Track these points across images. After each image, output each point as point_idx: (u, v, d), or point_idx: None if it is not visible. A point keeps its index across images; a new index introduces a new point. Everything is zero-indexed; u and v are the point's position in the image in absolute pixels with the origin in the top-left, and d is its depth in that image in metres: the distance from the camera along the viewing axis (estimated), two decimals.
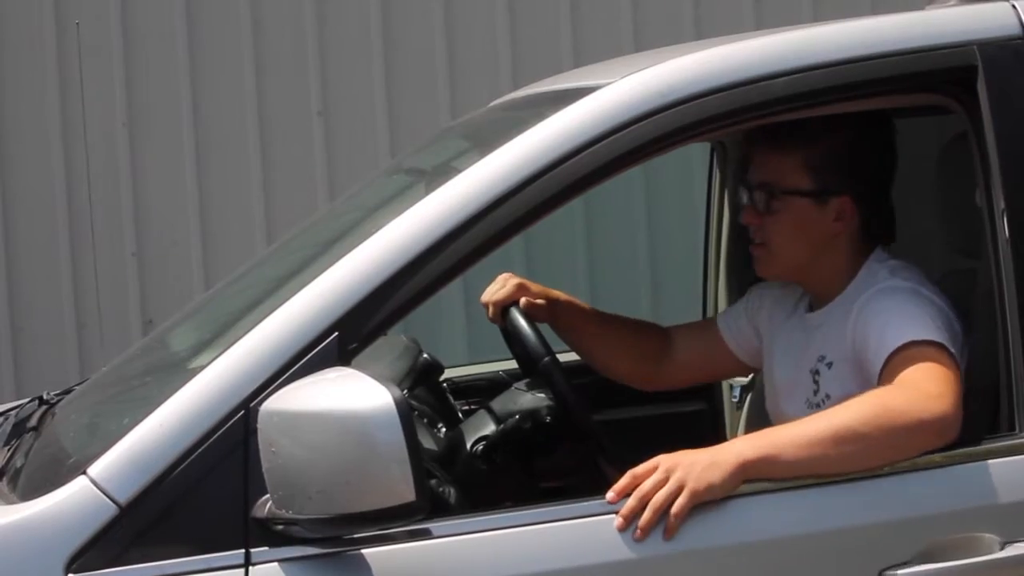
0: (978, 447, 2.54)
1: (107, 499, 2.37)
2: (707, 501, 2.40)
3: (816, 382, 2.82)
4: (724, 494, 2.41)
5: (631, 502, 2.42)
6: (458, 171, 2.62)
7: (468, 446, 2.96)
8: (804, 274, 2.91)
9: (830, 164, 2.81)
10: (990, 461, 2.52)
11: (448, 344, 6.31)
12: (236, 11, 6.65)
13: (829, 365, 2.79)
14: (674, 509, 2.39)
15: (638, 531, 2.39)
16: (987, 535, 2.48)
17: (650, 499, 2.40)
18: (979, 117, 2.65)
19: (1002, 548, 2.49)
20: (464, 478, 2.86)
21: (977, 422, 2.72)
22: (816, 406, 2.77)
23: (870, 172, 2.88)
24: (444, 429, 3.29)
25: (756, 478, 2.43)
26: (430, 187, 2.66)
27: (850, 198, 2.83)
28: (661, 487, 2.41)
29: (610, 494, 2.43)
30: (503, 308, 3.14)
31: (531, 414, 2.95)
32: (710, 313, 3.83)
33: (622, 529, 2.40)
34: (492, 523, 2.44)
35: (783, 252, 2.86)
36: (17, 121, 6.60)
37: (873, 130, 2.87)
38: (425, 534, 2.40)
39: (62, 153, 6.56)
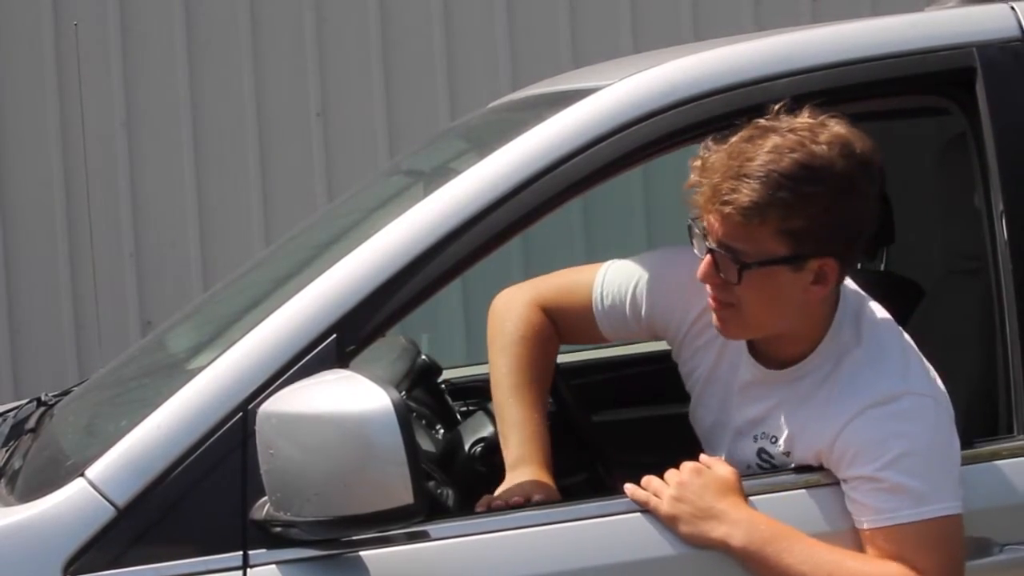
0: (977, 449, 2.54)
1: (105, 501, 2.37)
2: None
3: (767, 462, 2.56)
4: (691, 544, 2.42)
5: (642, 484, 2.47)
6: (457, 172, 2.62)
7: (466, 448, 2.95)
8: (772, 336, 2.55)
9: (808, 229, 2.40)
10: (989, 464, 2.52)
11: (446, 345, 6.30)
12: (235, 12, 6.65)
13: (787, 454, 2.53)
14: (652, 510, 2.45)
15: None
16: (985, 537, 2.48)
17: (649, 487, 2.45)
18: (978, 119, 2.65)
19: (1000, 551, 2.49)
20: (462, 480, 2.85)
21: (976, 424, 2.71)
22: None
23: (853, 231, 2.46)
24: (442, 430, 3.28)
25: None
26: (429, 188, 2.66)
27: (832, 259, 2.45)
28: (661, 492, 2.44)
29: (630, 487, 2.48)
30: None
31: None
32: None
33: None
34: (490, 525, 2.44)
35: (754, 318, 2.48)
36: (16, 122, 6.60)
37: (856, 189, 2.44)
38: (423, 536, 2.40)
39: (60, 153, 6.55)
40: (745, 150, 2.41)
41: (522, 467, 2.59)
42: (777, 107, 2.46)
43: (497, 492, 2.57)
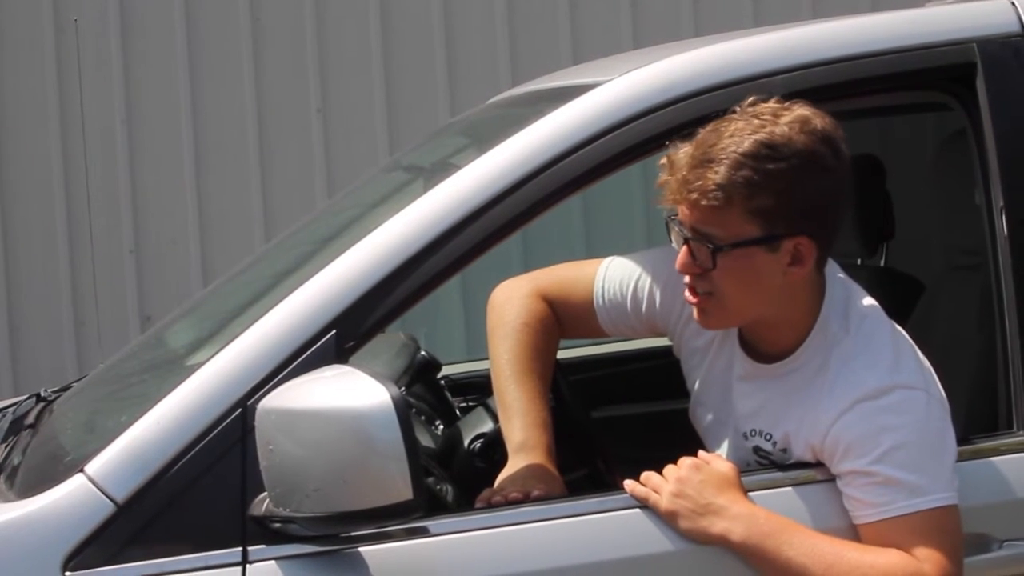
0: (977, 445, 2.54)
1: (104, 497, 2.37)
2: None
3: (765, 458, 2.57)
4: (691, 539, 2.42)
5: (641, 480, 2.47)
6: (457, 168, 2.62)
7: (466, 443, 2.95)
8: (756, 324, 2.56)
9: (776, 207, 2.42)
10: (989, 459, 2.52)
11: (446, 341, 6.30)
12: (235, 8, 6.65)
13: (784, 450, 2.53)
14: (652, 507, 2.44)
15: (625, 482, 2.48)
16: (985, 533, 2.48)
17: (648, 483, 2.45)
18: (978, 114, 2.65)
19: (1000, 546, 2.49)
20: (462, 476, 2.86)
21: (976, 420, 2.71)
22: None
23: (823, 208, 2.47)
24: (442, 426, 3.28)
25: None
26: (428, 184, 2.66)
27: (806, 237, 2.45)
28: (660, 488, 2.44)
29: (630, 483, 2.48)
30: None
31: None
32: None
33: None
34: (489, 521, 2.44)
35: (733, 304, 2.49)
36: (16, 119, 6.60)
37: (820, 164, 2.44)
38: (423, 532, 2.40)
39: (61, 150, 6.55)
40: (708, 139, 2.45)
41: (525, 452, 2.59)
42: (749, 101, 2.48)
43: (500, 477, 2.57)
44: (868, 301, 2.56)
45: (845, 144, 2.47)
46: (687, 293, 2.52)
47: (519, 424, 2.63)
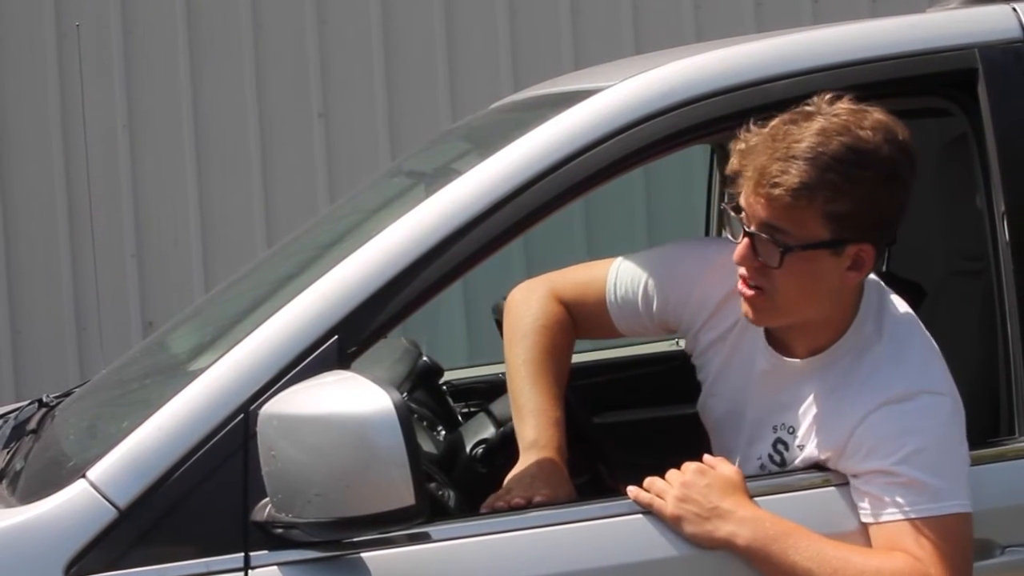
0: (978, 451, 2.54)
1: (106, 502, 2.37)
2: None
3: (780, 453, 2.57)
4: (696, 544, 2.42)
5: (645, 486, 2.47)
6: (459, 173, 2.62)
7: (468, 449, 2.95)
8: (797, 325, 2.55)
9: (852, 214, 2.42)
10: (990, 465, 2.52)
11: (448, 346, 6.31)
12: (237, 13, 6.66)
13: (801, 447, 2.53)
14: (657, 512, 2.44)
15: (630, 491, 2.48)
16: (987, 539, 2.48)
17: (652, 488, 2.45)
18: (979, 119, 2.65)
19: (1002, 552, 2.49)
20: (464, 481, 2.86)
21: (978, 426, 2.71)
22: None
23: (891, 218, 2.49)
24: (444, 432, 3.29)
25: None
26: (431, 189, 2.66)
27: (869, 245, 2.46)
28: (665, 493, 2.44)
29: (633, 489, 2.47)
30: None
31: None
32: None
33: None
34: (491, 527, 2.44)
35: (787, 303, 2.48)
36: (18, 122, 6.60)
37: (899, 175, 2.47)
38: (424, 538, 2.40)
39: (62, 154, 6.56)
40: (791, 132, 2.43)
41: (537, 450, 2.59)
42: (829, 97, 2.47)
43: (509, 475, 2.57)
44: (901, 306, 2.58)
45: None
46: (741, 285, 2.51)
47: (532, 423, 2.63)
